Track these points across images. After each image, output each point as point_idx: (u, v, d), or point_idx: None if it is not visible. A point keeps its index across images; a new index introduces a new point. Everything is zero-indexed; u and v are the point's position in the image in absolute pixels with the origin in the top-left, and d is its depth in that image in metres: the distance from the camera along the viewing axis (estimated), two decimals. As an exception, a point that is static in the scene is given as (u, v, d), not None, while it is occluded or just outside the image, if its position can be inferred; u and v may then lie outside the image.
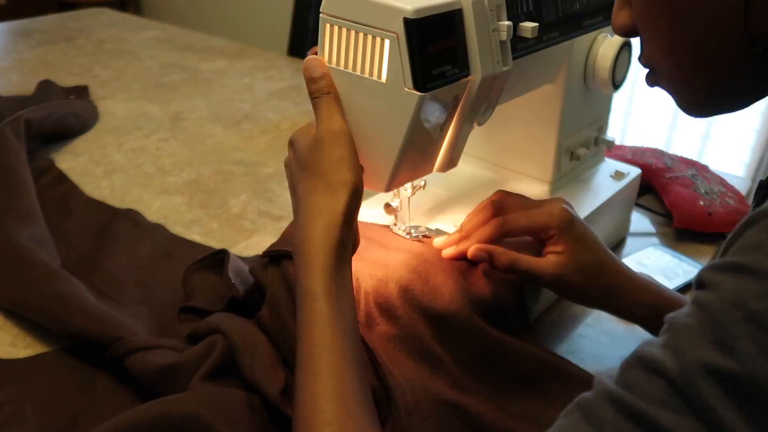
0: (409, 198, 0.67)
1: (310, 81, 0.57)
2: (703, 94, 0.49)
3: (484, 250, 0.63)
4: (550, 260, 0.62)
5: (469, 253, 0.63)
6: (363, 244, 0.65)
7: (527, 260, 0.62)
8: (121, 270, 0.76)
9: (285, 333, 0.58)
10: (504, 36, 0.57)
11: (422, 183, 0.68)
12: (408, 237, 0.67)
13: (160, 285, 0.74)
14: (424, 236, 0.67)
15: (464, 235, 0.65)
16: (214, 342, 0.59)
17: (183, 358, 0.58)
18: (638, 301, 0.63)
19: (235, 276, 0.68)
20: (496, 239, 0.63)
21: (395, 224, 0.69)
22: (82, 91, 1.25)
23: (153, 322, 0.68)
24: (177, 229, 0.85)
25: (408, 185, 0.66)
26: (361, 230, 0.68)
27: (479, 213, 0.65)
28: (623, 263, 0.64)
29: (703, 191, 0.91)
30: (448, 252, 0.64)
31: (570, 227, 0.62)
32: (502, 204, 0.65)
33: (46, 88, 1.22)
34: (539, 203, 0.65)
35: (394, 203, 0.67)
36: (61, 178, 0.95)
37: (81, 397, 0.60)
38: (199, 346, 0.59)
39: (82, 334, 0.62)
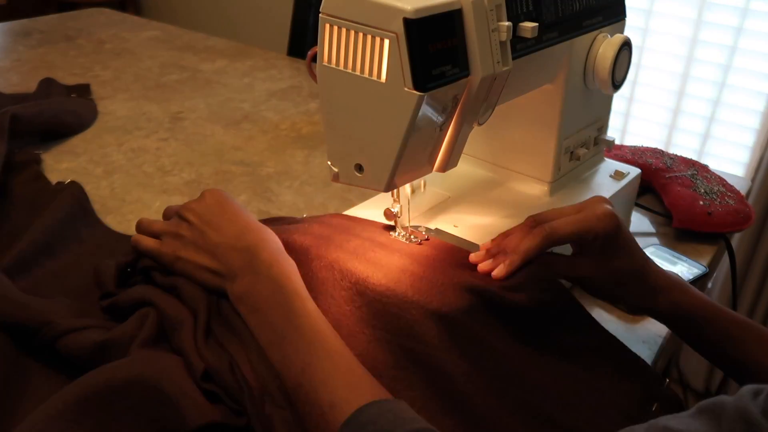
0: (408, 198, 0.67)
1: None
2: None
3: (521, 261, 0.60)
4: (587, 263, 0.61)
5: (510, 268, 0.60)
6: (363, 244, 0.65)
7: (560, 262, 0.62)
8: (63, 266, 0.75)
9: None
10: (504, 36, 0.57)
11: (422, 186, 0.68)
12: (408, 243, 0.67)
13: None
14: (424, 240, 0.67)
15: (502, 250, 0.62)
16: (145, 314, 0.61)
17: (118, 332, 0.59)
18: (665, 300, 0.62)
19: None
20: (542, 250, 0.61)
21: (395, 230, 0.68)
22: (83, 89, 1.25)
23: (76, 308, 0.67)
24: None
25: (407, 185, 0.66)
26: (362, 231, 0.68)
27: (517, 229, 0.63)
28: (653, 263, 0.64)
29: (702, 191, 0.91)
30: (485, 266, 0.62)
31: (618, 232, 0.60)
32: (538, 216, 0.63)
33: (47, 86, 1.23)
34: (578, 207, 0.63)
35: (395, 209, 0.67)
36: (37, 176, 0.93)
37: (11, 386, 0.58)
38: (132, 319, 0.61)
39: (8, 321, 0.61)
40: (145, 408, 0.52)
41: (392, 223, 0.68)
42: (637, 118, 1.89)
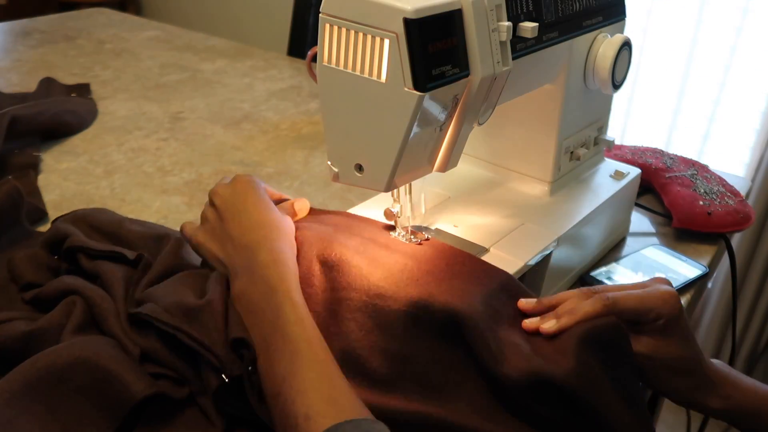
0: (408, 198, 0.67)
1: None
2: None
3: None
4: (645, 341, 0.58)
5: (560, 326, 0.57)
6: (364, 243, 0.65)
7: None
8: None
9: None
10: (504, 36, 0.57)
11: (422, 184, 0.68)
12: (408, 243, 0.67)
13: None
14: (424, 240, 0.67)
15: (554, 303, 0.60)
16: (71, 302, 0.61)
17: (45, 322, 0.59)
18: (718, 395, 0.60)
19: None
20: (600, 317, 0.57)
21: (394, 230, 0.68)
22: (84, 89, 1.25)
23: None
24: (177, 229, 0.85)
25: (407, 185, 0.66)
26: (363, 230, 0.68)
27: (574, 295, 0.60)
28: (704, 355, 0.61)
29: (702, 191, 0.91)
30: (531, 324, 0.58)
31: (679, 318, 0.58)
32: (597, 288, 0.60)
33: (47, 85, 1.23)
34: (638, 285, 0.60)
35: (395, 209, 0.67)
36: (26, 177, 0.92)
37: None
38: (59, 308, 0.61)
39: None
40: (92, 387, 0.53)
41: (392, 223, 0.68)
42: (637, 118, 1.89)
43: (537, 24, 0.62)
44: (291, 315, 0.55)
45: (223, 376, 0.54)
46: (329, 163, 0.63)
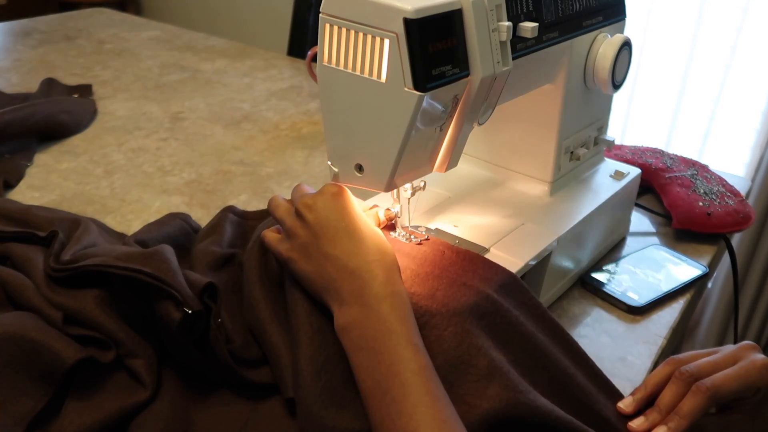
0: (408, 199, 0.67)
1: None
2: None
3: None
4: (738, 420, 0.56)
5: None
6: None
7: (713, 423, 0.57)
8: None
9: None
10: (504, 36, 0.57)
11: (422, 184, 0.68)
12: (407, 242, 0.67)
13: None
14: (424, 240, 0.67)
15: (649, 394, 0.57)
16: None
17: None
18: None
19: None
20: (706, 411, 0.55)
21: (395, 230, 0.68)
22: (85, 89, 1.25)
23: None
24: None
25: (407, 186, 0.66)
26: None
27: (666, 378, 0.57)
28: None
29: (702, 192, 0.91)
30: (641, 427, 0.56)
31: None
32: (690, 368, 0.57)
33: (48, 86, 1.23)
34: (729, 356, 0.57)
35: (395, 209, 0.67)
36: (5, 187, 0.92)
37: None
38: None
39: None
40: (21, 359, 0.54)
41: (392, 223, 0.68)
42: (637, 118, 1.89)
43: (537, 24, 0.62)
44: (412, 363, 0.51)
45: (185, 309, 0.56)
46: (329, 163, 0.63)
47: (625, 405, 0.58)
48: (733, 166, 1.78)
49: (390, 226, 0.69)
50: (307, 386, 0.54)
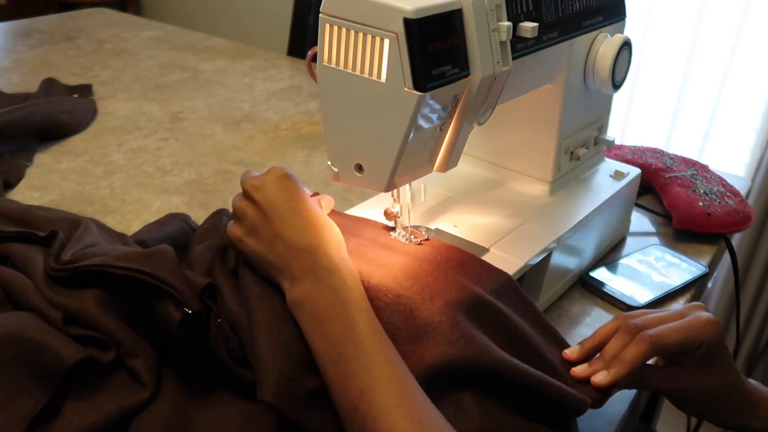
0: (408, 198, 0.67)
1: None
2: None
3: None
4: (681, 374, 0.58)
5: (615, 378, 0.56)
6: (363, 244, 0.65)
7: (655, 375, 0.58)
8: None
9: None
10: (504, 36, 0.57)
11: (421, 184, 0.68)
12: (407, 243, 0.67)
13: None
14: (424, 240, 0.67)
15: (596, 345, 0.58)
16: None
17: None
18: (757, 416, 0.59)
19: None
20: (648, 359, 0.56)
21: (394, 230, 0.68)
22: (85, 89, 1.25)
23: None
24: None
25: (407, 186, 0.66)
26: (362, 230, 0.68)
27: (613, 330, 0.58)
28: (745, 377, 0.61)
29: (702, 192, 0.91)
30: (581, 372, 0.57)
31: (720, 344, 0.57)
32: (628, 316, 0.59)
33: (48, 86, 1.23)
34: (677, 314, 0.59)
35: (395, 209, 0.67)
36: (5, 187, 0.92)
37: None
38: None
39: None
40: (21, 359, 0.54)
41: (392, 223, 0.68)
42: (637, 118, 1.89)
43: (537, 24, 0.62)
44: (364, 326, 0.53)
45: (186, 309, 0.56)
46: (329, 163, 0.63)
47: (570, 352, 0.59)
48: (733, 166, 1.78)
49: (390, 226, 0.69)
50: (270, 366, 0.54)
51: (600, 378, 0.56)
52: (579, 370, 0.58)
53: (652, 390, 0.61)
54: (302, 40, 1.68)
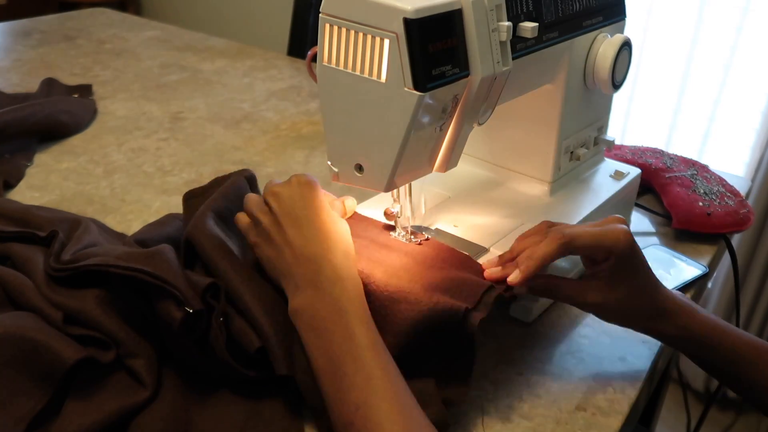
0: (408, 198, 0.67)
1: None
2: None
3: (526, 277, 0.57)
4: (595, 286, 0.60)
5: (526, 274, 0.58)
6: (363, 243, 0.65)
7: (569, 286, 0.61)
8: None
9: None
10: (504, 36, 0.57)
11: (422, 197, 0.68)
12: (407, 242, 0.67)
13: None
14: (425, 240, 0.67)
15: (514, 255, 0.60)
16: None
17: None
18: (673, 324, 0.61)
19: None
20: (559, 257, 0.58)
21: (395, 230, 0.68)
22: (85, 89, 1.25)
23: None
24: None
25: (407, 186, 0.66)
26: (362, 230, 0.68)
27: (534, 234, 0.61)
28: (663, 286, 0.62)
29: (702, 192, 0.91)
30: (493, 274, 0.60)
31: (632, 255, 0.59)
32: (554, 224, 0.62)
33: (48, 86, 1.23)
34: (595, 224, 0.61)
35: (395, 209, 0.67)
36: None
37: None
38: None
39: None
40: (21, 359, 0.54)
41: (392, 223, 0.68)
42: (637, 118, 1.89)
43: (537, 24, 0.62)
44: (363, 339, 0.53)
45: (187, 308, 0.56)
46: (329, 163, 0.63)
47: (489, 263, 0.62)
48: (733, 166, 1.78)
49: (390, 226, 0.69)
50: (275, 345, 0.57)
51: (512, 276, 0.58)
52: (492, 272, 0.60)
53: (569, 303, 0.62)
54: (302, 40, 1.68)
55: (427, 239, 0.67)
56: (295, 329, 0.58)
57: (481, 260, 0.64)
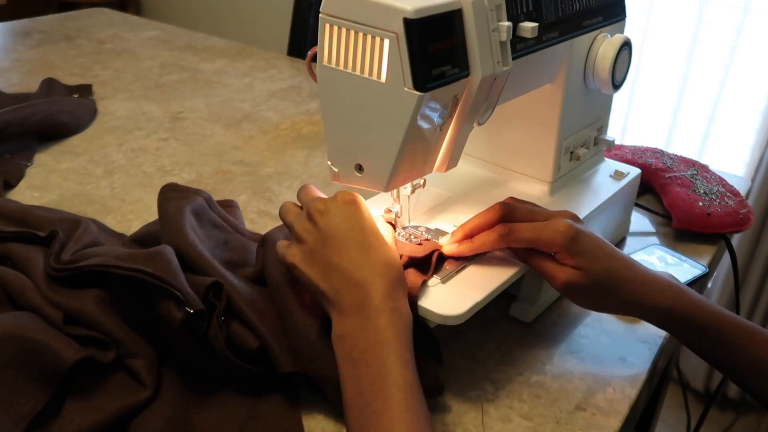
0: (408, 198, 0.67)
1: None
2: None
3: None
4: (563, 270, 0.61)
5: (458, 252, 0.63)
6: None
7: (545, 262, 0.62)
8: None
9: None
10: (504, 36, 0.57)
11: (421, 182, 0.68)
12: (407, 242, 0.67)
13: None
14: (425, 240, 0.67)
15: (467, 233, 0.64)
16: None
17: None
18: (656, 304, 0.61)
19: None
20: (497, 247, 0.63)
21: (395, 230, 0.68)
22: (85, 89, 1.25)
23: None
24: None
25: (408, 185, 0.66)
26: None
27: (485, 214, 0.64)
28: (640, 265, 0.62)
29: (702, 192, 0.91)
30: (449, 249, 0.64)
31: (575, 244, 0.60)
32: (511, 209, 0.64)
33: (48, 86, 1.23)
34: (547, 215, 0.64)
35: (395, 209, 0.67)
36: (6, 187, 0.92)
37: None
38: None
39: None
40: (21, 359, 0.54)
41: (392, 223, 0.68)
42: (637, 118, 1.89)
43: (537, 24, 0.62)
44: (399, 378, 0.51)
45: (187, 308, 0.56)
46: (329, 163, 0.63)
47: (446, 240, 0.65)
48: (733, 166, 1.78)
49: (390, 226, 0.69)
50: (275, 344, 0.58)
51: (447, 248, 0.64)
52: (447, 249, 0.64)
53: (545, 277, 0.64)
54: (302, 40, 1.68)
55: (427, 239, 0.67)
56: (290, 330, 0.58)
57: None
